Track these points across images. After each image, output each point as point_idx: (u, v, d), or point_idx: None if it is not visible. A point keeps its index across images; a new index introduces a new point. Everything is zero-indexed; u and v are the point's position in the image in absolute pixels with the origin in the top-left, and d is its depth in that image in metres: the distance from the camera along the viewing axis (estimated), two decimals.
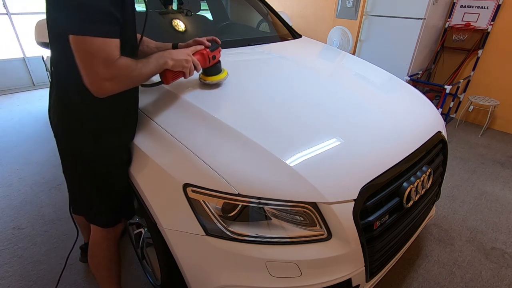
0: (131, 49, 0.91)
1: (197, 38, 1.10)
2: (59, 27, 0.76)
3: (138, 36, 0.97)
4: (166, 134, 0.95)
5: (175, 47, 1.14)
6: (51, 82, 0.92)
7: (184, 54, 0.97)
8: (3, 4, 3.71)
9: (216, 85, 1.16)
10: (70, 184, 1.05)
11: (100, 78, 0.74)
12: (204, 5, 2.18)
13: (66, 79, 0.85)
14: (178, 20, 1.67)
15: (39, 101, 3.68)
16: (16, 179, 2.16)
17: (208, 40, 1.10)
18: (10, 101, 3.64)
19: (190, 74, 1.01)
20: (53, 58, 0.86)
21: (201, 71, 1.11)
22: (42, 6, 0.92)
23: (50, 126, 0.97)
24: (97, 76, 0.73)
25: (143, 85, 1.03)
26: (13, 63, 3.90)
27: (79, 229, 1.48)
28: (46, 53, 2.62)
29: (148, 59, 0.87)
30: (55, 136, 0.96)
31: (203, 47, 1.07)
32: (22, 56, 3.98)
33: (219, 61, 1.12)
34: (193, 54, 1.03)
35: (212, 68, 1.10)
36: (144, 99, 1.11)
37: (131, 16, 0.84)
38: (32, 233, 1.69)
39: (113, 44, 0.73)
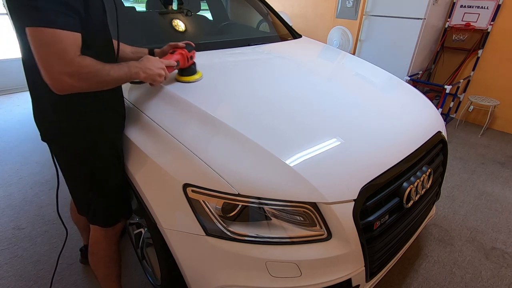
0: (108, 56, 0.89)
1: (172, 43, 1.16)
2: (17, 21, 0.72)
3: (115, 42, 0.95)
4: (166, 134, 0.95)
5: (151, 53, 1.17)
6: (28, 85, 0.87)
7: (157, 68, 0.96)
8: (3, 4, 3.70)
9: (191, 85, 1.20)
10: (69, 185, 1.05)
11: (58, 73, 0.69)
12: (204, 5, 2.18)
13: (36, 79, 0.79)
14: (178, 20, 1.67)
15: None
16: (16, 179, 2.16)
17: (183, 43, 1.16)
18: (10, 101, 3.63)
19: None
20: (22, 58, 0.82)
21: (177, 72, 1.18)
22: None
23: None
24: (53, 70, 0.69)
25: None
26: (13, 63, 3.89)
27: (79, 230, 1.48)
28: None
29: (121, 65, 0.85)
30: (46, 140, 0.94)
31: (183, 50, 1.12)
32: None
33: (194, 63, 1.20)
34: (174, 54, 1.09)
35: (188, 69, 1.18)
36: (144, 99, 1.11)
37: (98, 12, 0.81)
38: (32, 233, 1.69)
39: (71, 37, 0.69)
